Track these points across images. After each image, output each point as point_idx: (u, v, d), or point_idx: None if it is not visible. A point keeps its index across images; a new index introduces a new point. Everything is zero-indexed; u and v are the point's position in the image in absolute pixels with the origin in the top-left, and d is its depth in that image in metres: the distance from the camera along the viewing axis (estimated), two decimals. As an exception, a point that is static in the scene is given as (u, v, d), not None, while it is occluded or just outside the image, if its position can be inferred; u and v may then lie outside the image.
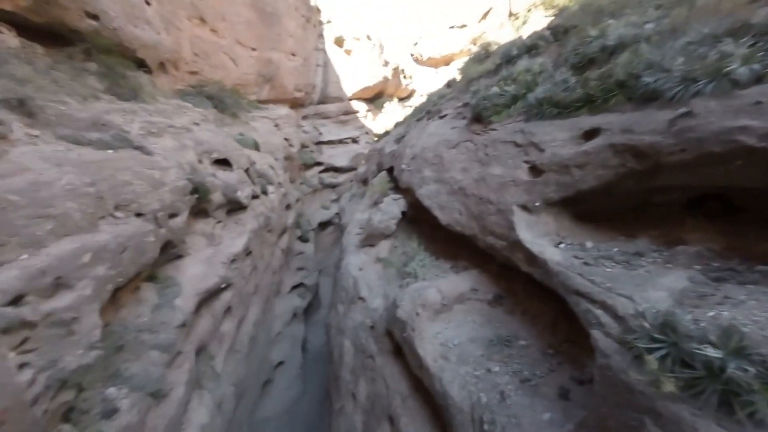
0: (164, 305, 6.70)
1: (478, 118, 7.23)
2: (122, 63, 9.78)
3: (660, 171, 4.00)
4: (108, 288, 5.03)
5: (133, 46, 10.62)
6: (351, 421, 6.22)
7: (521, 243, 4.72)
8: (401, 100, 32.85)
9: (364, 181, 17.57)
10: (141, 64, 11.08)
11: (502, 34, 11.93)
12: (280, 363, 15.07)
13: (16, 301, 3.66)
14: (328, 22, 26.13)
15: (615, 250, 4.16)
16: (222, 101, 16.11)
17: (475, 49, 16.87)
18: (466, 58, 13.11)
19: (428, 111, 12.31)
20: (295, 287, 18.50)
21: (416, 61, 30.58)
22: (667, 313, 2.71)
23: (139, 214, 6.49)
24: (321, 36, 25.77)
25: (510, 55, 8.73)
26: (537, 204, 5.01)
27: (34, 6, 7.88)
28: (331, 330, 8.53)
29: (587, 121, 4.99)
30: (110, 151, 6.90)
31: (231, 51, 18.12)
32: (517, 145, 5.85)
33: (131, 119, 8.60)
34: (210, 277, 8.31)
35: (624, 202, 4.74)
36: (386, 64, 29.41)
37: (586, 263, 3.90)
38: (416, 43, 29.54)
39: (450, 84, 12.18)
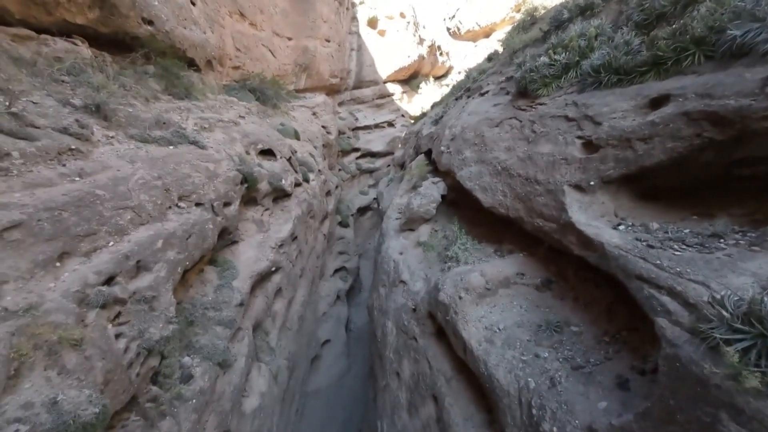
0: (224, 286, 7.38)
1: (524, 92, 6.75)
2: (175, 64, 10.51)
3: (747, 140, 3.46)
4: (178, 270, 5.64)
5: (183, 46, 11.32)
6: (396, 398, 6.48)
7: (574, 225, 4.42)
8: (438, 78, 31.63)
9: (402, 165, 17.46)
10: (191, 64, 11.81)
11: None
12: (327, 341, 16.01)
13: (109, 281, 4.27)
14: (361, 2, 25.61)
15: (686, 231, 3.74)
16: (263, 93, 16.74)
17: (519, 16, 15.56)
18: (509, 28, 12.16)
19: (467, 89, 11.75)
20: (337, 270, 19.30)
21: (453, 35, 28.93)
22: (752, 300, 2.40)
23: (198, 204, 7.11)
24: (354, 19, 25.41)
25: (560, 20, 7.95)
26: (592, 183, 4.62)
27: (101, 17, 8.69)
28: (374, 311, 8.81)
29: (655, 87, 4.44)
30: (171, 147, 7.57)
31: (269, 43, 18.60)
32: (568, 119, 5.39)
33: (186, 116, 9.30)
34: (261, 260, 8.95)
35: (698, 178, 4.20)
36: (421, 41, 28.32)
37: (650, 246, 3.56)
38: (453, 16, 27.80)
39: (491, 57, 11.45)
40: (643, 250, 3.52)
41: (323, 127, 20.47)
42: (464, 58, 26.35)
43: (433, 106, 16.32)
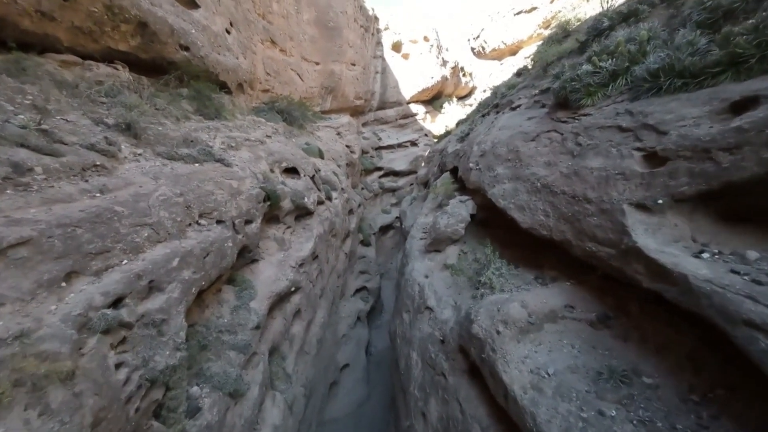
0: (241, 307, 7.00)
1: (564, 103, 6.13)
2: (208, 86, 10.83)
3: None
4: (193, 291, 5.31)
5: (217, 70, 11.72)
6: (422, 443, 5.65)
7: (641, 251, 3.65)
8: (461, 99, 31.48)
9: (426, 184, 16.97)
10: (223, 86, 12.18)
11: (581, 11, 10.31)
12: (346, 365, 15.18)
13: (117, 302, 3.95)
14: (386, 28, 26.28)
15: (800, 263, 2.90)
16: (290, 114, 17.09)
17: (546, 32, 15.11)
18: (536, 44, 11.69)
19: (496, 104, 11.24)
20: (358, 290, 18.66)
21: (478, 55, 28.82)
22: None
23: (219, 221, 6.89)
24: (379, 44, 26.03)
25: (599, 28, 7.37)
26: (660, 201, 3.86)
27: (142, 44, 9.10)
28: (397, 339, 8.08)
29: (735, 90, 3.70)
30: (197, 165, 7.51)
31: (297, 67, 19.23)
32: (622, 129, 4.70)
33: (214, 135, 9.38)
34: (281, 280, 8.56)
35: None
36: (444, 63, 28.47)
37: (757, 281, 2.75)
38: (478, 36, 27.77)
39: (520, 73, 10.95)
40: (747, 287, 2.72)
41: (347, 146, 20.56)
42: (489, 76, 26.04)
43: (458, 124, 15.91)
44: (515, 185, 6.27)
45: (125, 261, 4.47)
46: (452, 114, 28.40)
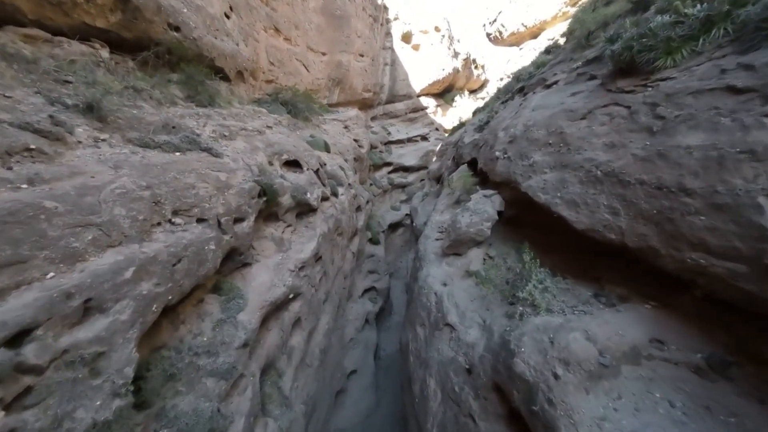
0: (227, 321, 5.78)
1: (628, 69, 4.64)
2: (201, 71, 9.62)
3: None
4: (154, 308, 4.09)
5: (212, 54, 10.51)
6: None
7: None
8: (473, 92, 29.72)
9: (438, 179, 15.53)
10: (219, 72, 10.97)
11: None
12: (353, 372, 13.99)
13: (22, 336, 2.74)
14: (395, 18, 24.73)
15: None
16: (295, 106, 15.85)
17: (573, 10, 13.41)
18: (561, 25, 10.10)
19: (521, 88, 9.72)
20: (366, 291, 17.41)
21: (494, 40, 26.56)
22: None
23: (201, 219, 5.67)
24: (388, 34, 24.51)
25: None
26: (831, 192, 2.41)
27: (124, 21, 7.91)
28: (410, 357, 6.75)
29: None
30: (178, 154, 6.30)
31: (303, 57, 17.94)
32: (737, 91, 3.22)
33: (204, 122, 8.17)
34: (277, 286, 7.32)
35: None
36: (456, 55, 26.76)
37: None
38: (495, 20, 25.44)
39: (550, 50, 9.38)
40: None
41: (355, 140, 19.23)
42: (507, 63, 23.90)
43: (474, 113, 14.38)
44: (561, 175, 4.83)
45: (51, 274, 3.26)
46: (464, 108, 26.70)
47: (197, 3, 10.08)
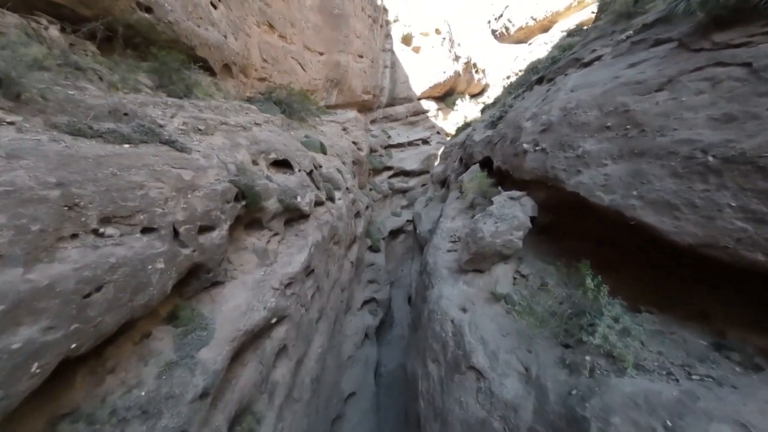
0: (180, 363, 4.26)
1: (732, 17, 3.23)
2: (178, 59, 8.26)
3: None
4: (34, 369, 2.60)
5: (192, 42, 9.18)
6: None
7: None
8: (473, 96, 28.54)
9: (443, 182, 14.12)
10: (199, 62, 9.60)
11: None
12: (352, 394, 12.36)
13: None
14: (395, 20, 23.62)
15: None
16: (290, 106, 14.52)
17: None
18: (576, 15, 8.81)
19: (540, 78, 8.35)
20: (366, 302, 15.84)
21: (500, 37, 24.98)
22: None
23: (148, 229, 4.20)
24: (388, 36, 23.37)
25: None
26: None
27: (80, -4, 6.57)
28: (420, 401, 5.19)
29: None
30: (126, 146, 4.87)
31: (299, 56, 16.67)
32: None
33: (173, 113, 6.76)
34: (255, 310, 5.82)
35: None
36: (457, 58, 25.63)
37: None
38: (500, 15, 23.78)
39: (573, 33, 8.02)
40: None
41: (353, 142, 17.88)
42: (515, 60, 22.34)
43: (483, 110, 13.00)
44: (634, 166, 3.39)
45: None
46: (465, 111, 25.45)
47: (175, -15, 8.76)
